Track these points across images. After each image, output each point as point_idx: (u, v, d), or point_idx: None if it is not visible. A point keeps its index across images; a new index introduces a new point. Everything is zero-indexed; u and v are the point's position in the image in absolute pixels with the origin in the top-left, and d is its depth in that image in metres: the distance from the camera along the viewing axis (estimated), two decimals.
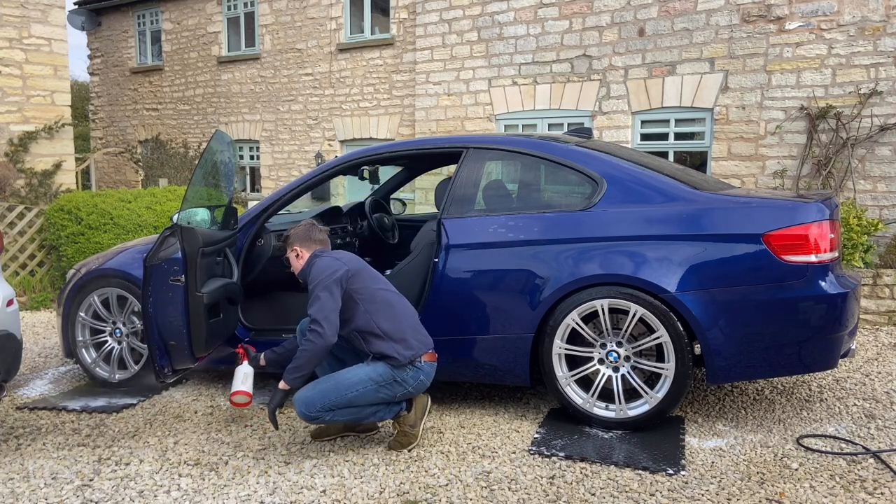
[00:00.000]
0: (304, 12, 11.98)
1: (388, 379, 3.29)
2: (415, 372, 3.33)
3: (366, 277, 3.41)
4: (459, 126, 10.15)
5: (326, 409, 3.25)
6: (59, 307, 4.63)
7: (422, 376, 3.36)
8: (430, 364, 3.40)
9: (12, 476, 3.21)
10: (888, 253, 6.83)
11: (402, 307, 3.43)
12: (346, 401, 3.26)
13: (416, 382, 3.35)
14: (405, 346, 3.31)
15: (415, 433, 3.42)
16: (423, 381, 3.38)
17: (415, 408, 3.47)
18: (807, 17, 7.61)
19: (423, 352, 3.37)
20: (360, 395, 3.28)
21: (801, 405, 3.99)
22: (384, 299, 3.38)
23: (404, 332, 3.33)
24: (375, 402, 3.33)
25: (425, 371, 3.37)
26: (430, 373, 3.41)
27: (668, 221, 3.51)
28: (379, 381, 3.28)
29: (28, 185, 9.37)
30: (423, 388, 3.41)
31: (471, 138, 4.12)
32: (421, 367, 3.35)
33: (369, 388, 3.27)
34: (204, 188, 3.99)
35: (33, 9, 9.41)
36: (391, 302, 3.40)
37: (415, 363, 3.32)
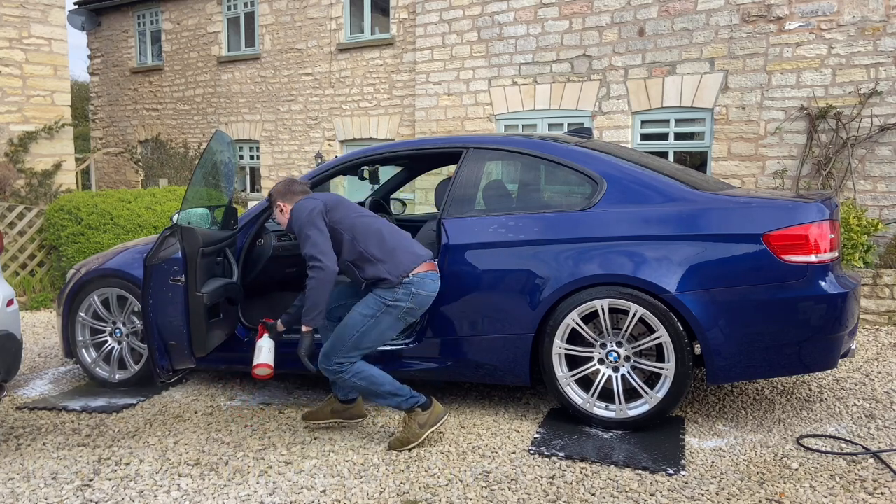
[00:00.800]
0: (304, 12, 11.98)
1: (380, 307, 3.33)
2: (405, 288, 3.32)
3: (344, 208, 3.47)
4: (459, 126, 10.15)
5: (342, 358, 3.34)
6: (59, 307, 4.63)
7: (413, 289, 3.33)
8: (422, 275, 3.37)
9: (12, 476, 3.21)
10: (888, 253, 6.83)
11: (388, 230, 3.44)
12: (353, 343, 3.33)
13: (410, 298, 3.33)
14: (394, 264, 3.33)
15: (420, 434, 3.39)
16: (417, 293, 3.35)
17: (432, 409, 3.42)
18: (807, 17, 7.61)
19: (414, 266, 3.35)
20: (364, 334, 3.32)
21: (801, 405, 3.99)
22: (366, 225, 3.42)
23: (393, 252, 3.35)
24: (386, 337, 3.38)
25: (417, 283, 3.34)
26: (425, 283, 3.37)
27: (667, 221, 3.51)
28: (373, 314, 3.33)
29: (28, 185, 9.37)
30: (423, 302, 3.39)
31: (471, 138, 4.12)
32: (411, 281, 3.33)
33: (368, 324, 3.32)
34: (204, 188, 3.99)
35: (33, 9, 9.41)
36: (375, 227, 3.43)
37: (404, 280, 3.32)
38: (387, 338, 3.44)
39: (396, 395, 3.39)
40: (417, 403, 3.41)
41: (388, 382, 3.40)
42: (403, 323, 3.43)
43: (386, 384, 3.39)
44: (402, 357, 3.93)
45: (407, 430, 3.41)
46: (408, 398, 3.40)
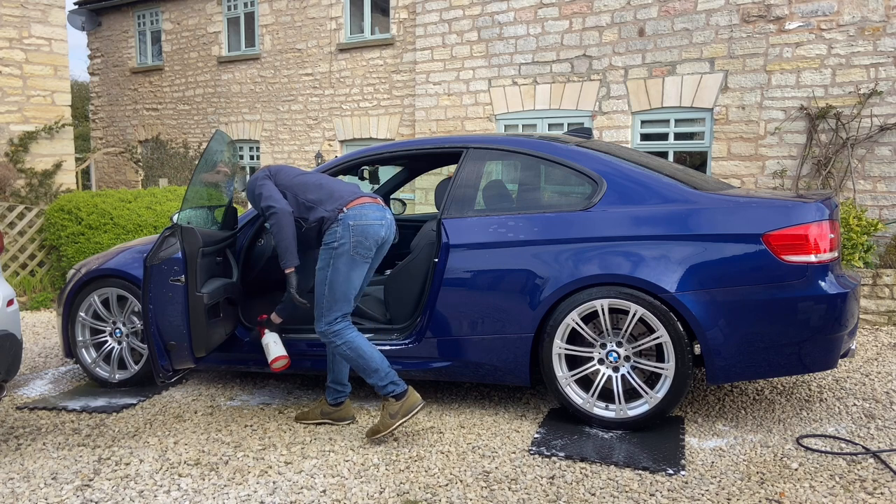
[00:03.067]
0: (304, 12, 11.98)
1: (329, 254, 3.46)
2: (342, 223, 3.44)
3: (286, 172, 3.70)
4: (459, 126, 10.15)
5: (329, 317, 3.47)
6: (59, 307, 4.63)
7: (350, 222, 3.43)
8: (357, 207, 3.48)
9: (12, 476, 3.21)
10: (888, 253, 6.83)
11: (326, 180, 3.64)
12: (329, 298, 3.45)
13: (350, 232, 3.42)
14: (328, 202, 3.50)
15: (389, 424, 3.42)
16: (356, 224, 3.43)
17: (405, 400, 3.44)
18: (807, 17, 7.61)
19: (347, 200, 3.49)
20: (331, 287, 3.46)
21: (801, 405, 3.99)
22: (305, 181, 3.64)
23: (330, 194, 3.54)
24: (354, 282, 3.46)
25: (352, 215, 3.44)
26: (362, 214, 3.46)
27: (667, 221, 3.51)
28: (326, 263, 3.47)
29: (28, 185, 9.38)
30: (367, 233, 3.45)
31: (471, 138, 4.12)
32: (346, 215, 3.45)
33: (329, 275, 3.45)
34: (204, 188, 4.00)
35: (33, 9, 9.41)
36: (314, 180, 3.64)
37: (339, 217, 3.45)
38: (355, 282, 3.48)
39: (377, 372, 3.45)
40: (391, 393, 3.44)
41: (376, 360, 3.46)
42: (364, 262, 3.48)
43: (373, 360, 3.46)
44: (402, 357, 3.93)
45: (380, 420, 3.48)
46: (385, 382, 3.44)
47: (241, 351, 4.26)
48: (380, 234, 3.51)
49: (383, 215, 3.56)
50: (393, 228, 3.63)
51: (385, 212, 3.59)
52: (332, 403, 3.77)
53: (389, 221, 3.59)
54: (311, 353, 4.12)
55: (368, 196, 3.60)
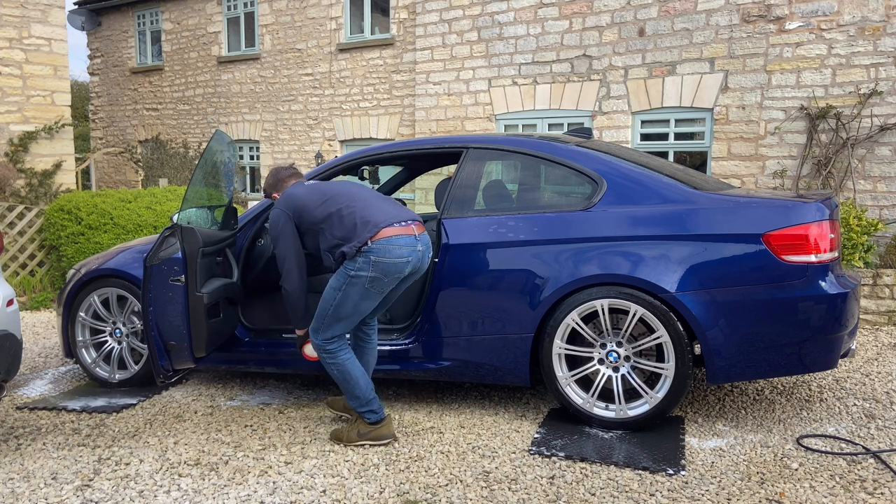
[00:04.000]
0: (304, 12, 11.98)
1: (345, 279, 3.31)
2: (364, 256, 3.25)
3: (310, 213, 3.41)
4: (459, 126, 10.15)
5: (327, 333, 3.38)
6: (59, 307, 4.63)
7: (372, 257, 3.24)
8: (384, 241, 3.26)
9: (12, 476, 3.21)
10: (888, 253, 6.83)
11: (347, 210, 3.35)
12: (332, 316, 3.35)
13: (370, 266, 3.25)
14: (355, 238, 3.28)
15: (353, 440, 3.46)
16: (377, 261, 3.25)
17: (378, 427, 3.45)
18: (807, 17, 7.61)
19: (369, 235, 3.26)
20: (337, 308, 3.33)
21: (801, 405, 3.99)
22: (326, 216, 3.38)
23: (354, 229, 3.30)
24: (362, 309, 3.34)
25: (375, 250, 3.24)
26: (387, 249, 3.25)
27: (667, 221, 3.51)
28: (339, 286, 3.33)
29: (28, 185, 9.38)
30: (388, 270, 3.27)
31: (471, 138, 4.12)
32: (369, 249, 3.25)
33: (339, 297, 3.33)
34: (204, 188, 4.00)
35: (33, 9, 9.41)
36: (342, 213, 3.36)
37: (362, 249, 3.26)
38: (363, 310, 3.36)
39: (358, 399, 3.43)
40: (367, 419, 3.46)
41: (361, 387, 3.41)
42: (377, 294, 3.33)
43: (357, 387, 3.41)
44: (402, 357, 3.93)
45: (348, 429, 3.49)
46: (363, 409, 3.45)
47: (241, 351, 4.26)
48: (402, 271, 3.32)
49: (412, 250, 3.32)
50: (425, 259, 3.42)
51: (416, 243, 3.35)
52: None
53: (419, 255, 3.37)
54: None
55: (402, 225, 3.34)
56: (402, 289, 3.55)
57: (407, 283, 3.51)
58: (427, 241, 3.45)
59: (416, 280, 3.97)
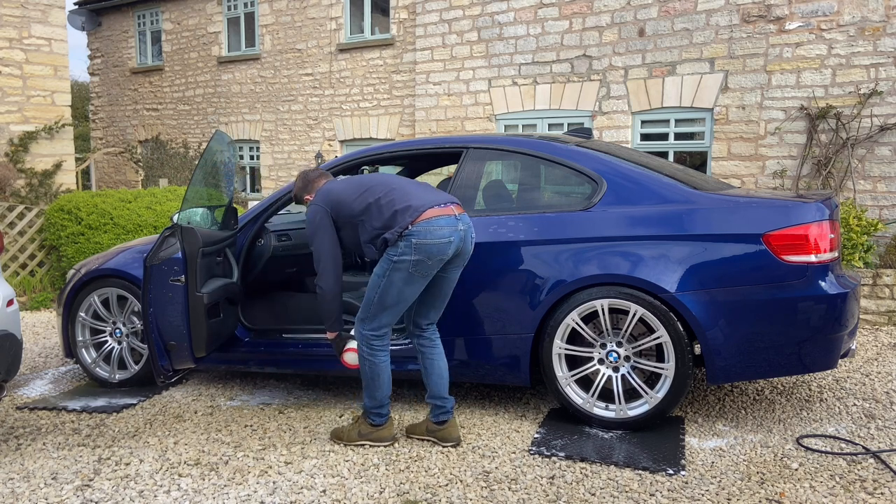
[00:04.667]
0: (304, 12, 11.98)
1: (388, 265, 3.26)
2: (405, 240, 3.20)
3: (347, 207, 3.38)
4: (459, 126, 10.15)
5: (372, 323, 3.35)
6: (59, 307, 4.63)
7: (414, 240, 3.19)
8: (424, 223, 3.21)
9: (12, 476, 3.21)
10: (888, 253, 6.83)
11: (396, 196, 3.31)
12: (377, 305, 3.31)
13: (412, 249, 3.20)
14: (395, 224, 3.24)
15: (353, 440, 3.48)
16: (419, 243, 3.19)
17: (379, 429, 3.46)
18: (807, 18, 7.61)
19: (410, 219, 3.21)
20: (382, 295, 3.29)
21: (801, 405, 3.99)
22: (367, 204, 3.33)
23: (394, 216, 3.26)
24: (407, 296, 3.29)
25: (417, 233, 3.19)
26: (428, 230, 3.20)
27: (667, 221, 3.51)
28: (383, 272, 3.27)
29: (28, 185, 9.38)
30: (432, 251, 3.20)
31: (471, 138, 4.12)
32: (410, 233, 3.20)
33: (383, 284, 3.28)
34: (204, 188, 4.00)
35: (33, 9, 9.41)
36: (380, 203, 3.31)
37: (403, 234, 3.21)
38: (408, 296, 3.29)
39: (373, 400, 3.42)
40: (371, 423, 3.46)
41: (383, 390, 3.40)
42: (421, 277, 3.26)
43: (379, 390, 3.40)
44: (401, 357, 3.93)
45: (350, 428, 3.51)
46: (374, 413, 3.45)
47: (241, 351, 4.26)
48: (445, 252, 3.24)
49: (453, 230, 3.27)
50: (467, 239, 3.36)
51: (457, 223, 3.29)
52: (436, 422, 3.50)
53: (461, 235, 3.30)
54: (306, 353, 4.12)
55: (441, 206, 3.30)
56: (452, 278, 3.45)
57: (455, 271, 3.42)
58: (468, 221, 3.38)
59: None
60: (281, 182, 12.53)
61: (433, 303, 3.49)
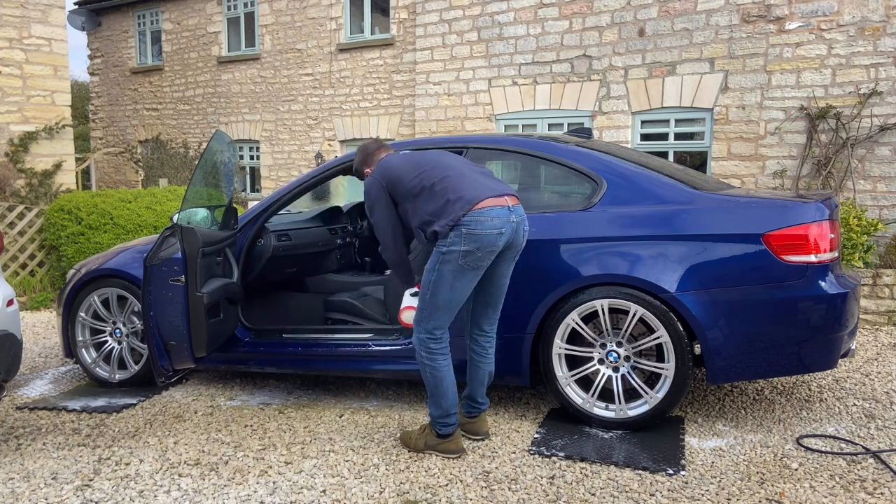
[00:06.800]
0: (304, 12, 11.98)
1: (438, 258, 3.16)
2: (455, 230, 3.09)
3: (403, 184, 3.28)
4: (459, 126, 10.15)
5: (430, 323, 3.24)
6: (59, 307, 4.63)
7: (464, 229, 3.07)
8: (476, 213, 3.09)
9: (12, 476, 3.21)
10: (888, 253, 6.83)
11: (451, 182, 3.20)
12: (430, 303, 3.22)
13: (462, 240, 3.09)
14: (447, 214, 3.13)
15: (419, 448, 3.40)
16: (469, 233, 3.08)
17: (446, 442, 3.33)
18: (807, 18, 7.61)
19: (461, 211, 3.10)
20: (434, 291, 3.19)
21: (801, 405, 3.99)
22: (422, 187, 3.23)
23: (446, 205, 3.15)
24: (460, 290, 3.17)
25: (467, 223, 3.08)
26: (479, 221, 3.08)
27: (667, 221, 3.51)
28: (433, 267, 3.19)
29: (28, 185, 9.38)
30: (483, 242, 3.09)
31: (471, 138, 4.12)
32: (461, 223, 3.08)
33: (434, 279, 3.18)
34: (204, 188, 4.00)
35: (33, 9, 9.41)
36: (434, 187, 3.21)
37: (455, 226, 3.11)
38: (461, 291, 3.18)
39: (440, 408, 3.30)
40: (438, 433, 3.33)
41: (448, 399, 3.28)
42: (472, 270, 3.14)
43: (444, 397, 3.28)
44: (402, 357, 3.93)
45: (418, 436, 3.41)
46: (439, 423, 3.32)
47: (241, 351, 4.27)
48: (496, 243, 3.12)
49: (505, 221, 3.14)
50: (520, 231, 3.25)
51: (510, 215, 3.17)
52: (466, 415, 3.51)
53: (513, 227, 3.19)
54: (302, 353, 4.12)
55: (496, 196, 3.18)
56: (505, 273, 3.35)
57: (507, 265, 3.32)
58: (521, 213, 3.27)
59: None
60: (281, 182, 12.53)
61: (489, 300, 3.40)
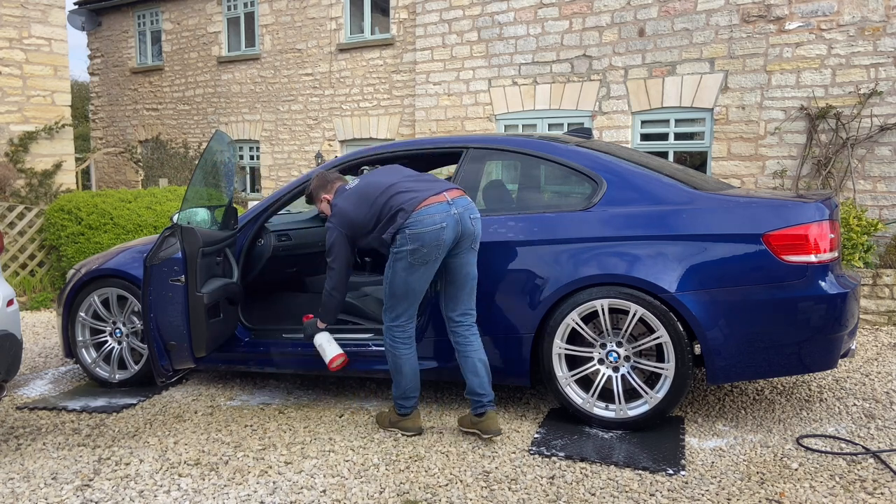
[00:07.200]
0: (304, 12, 11.98)
1: (392, 256, 3.44)
2: (401, 234, 3.36)
3: (358, 224, 3.54)
4: (459, 126, 10.15)
5: (391, 315, 3.52)
6: (59, 307, 4.63)
7: (408, 231, 3.34)
8: (414, 214, 3.34)
9: (12, 476, 3.21)
10: (888, 253, 6.83)
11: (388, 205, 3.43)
12: (389, 294, 3.49)
13: (406, 239, 3.35)
14: (393, 226, 3.41)
15: (386, 424, 3.70)
16: (412, 233, 3.33)
17: (404, 418, 3.64)
18: (807, 18, 7.61)
19: (404, 218, 3.35)
20: (390, 286, 3.46)
21: (801, 405, 3.99)
22: (375, 221, 3.50)
23: (393, 218, 3.41)
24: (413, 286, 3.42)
25: (410, 224, 3.33)
26: (420, 220, 3.33)
27: (667, 221, 3.51)
28: (389, 264, 3.46)
29: (28, 185, 9.38)
30: (426, 239, 3.32)
31: (471, 138, 4.12)
32: (404, 226, 3.35)
33: (389, 275, 3.46)
34: (204, 188, 4.00)
35: (33, 9, 9.41)
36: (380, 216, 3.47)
37: (399, 230, 3.37)
38: (415, 285, 3.41)
39: (397, 388, 3.59)
40: (398, 412, 3.64)
41: (405, 382, 3.56)
42: (423, 266, 3.37)
43: (403, 381, 3.56)
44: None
45: (386, 415, 3.73)
46: (398, 403, 3.62)
47: (241, 351, 4.27)
48: (440, 237, 3.33)
49: (445, 215, 3.35)
50: (465, 220, 3.41)
51: (449, 208, 3.37)
52: (475, 414, 3.55)
53: (455, 218, 3.37)
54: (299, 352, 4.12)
55: (434, 194, 3.41)
56: (466, 263, 3.49)
57: (466, 255, 3.48)
58: (465, 204, 3.44)
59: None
60: (281, 182, 12.53)
61: (454, 292, 3.56)
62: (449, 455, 3.36)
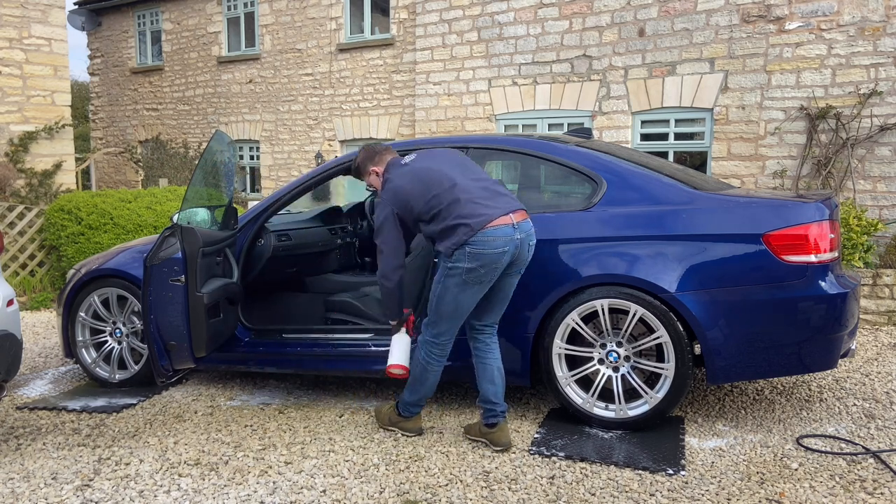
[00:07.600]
0: (304, 12, 11.98)
1: (444, 271, 3.29)
2: (460, 249, 3.18)
3: (412, 206, 3.33)
4: (459, 126, 10.15)
5: (434, 328, 3.40)
6: (59, 307, 4.63)
7: (468, 249, 3.16)
8: (480, 234, 3.15)
9: (12, 476, 3.21)
10: (888, 253, 6.83)
11: (464, 203, 3.22)
12: (434, 310, 3.37)
13: (466, 258, 3.18)
14: (452, 237, 3.22)
15: (384, 424, 3.70)
16: (473, 252, 3.16)
17: (406, 420, 3.63)
18: (807, 18, 7.61)
19: (470, 234, 3.17)
20: (439, 301, 3.33)
21: (801, 405, 3.99)
22: (431, 213, 3.30)
23: (455, 228, 3.21)
24: (464, 303, 3.28)
25: (473, 242, 3.16)
26: (485, 241, 3.15)
27: (667, 221, 3.51)
28: (439, 279, 3.32)
29: (28, 185, 9.38)
30: (487, 260, 3.17)
31: (471, 138, 4.12)
32: (469, 241, 3.16)
33: (439, 290, 3.33)
34: (204, 188, 4.00)
35: (33, 9, 9.41)
36: (438, 212, 3.28)
37: (459, 247, 3.19)
38: (465, 304, 3.29)
39: (412, 396, 3.56)
40: (400, 411, 3.63)
41: (422, 392, 3.53)
42: (477, 286, 3.25)
43: (420, 390, 3.52)
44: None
45: (386, 412, 3.72)
46: (408, 406, 3.60)
47: (241, 351, 4.26)
48: (499, 261, 3.21)
49: (509, 240, 3.20)
50: (524, 247, 3.29)
51: (514, 233, 3.22)
52: (486, 424, 3.47)
53: (517, 244, 3.24)
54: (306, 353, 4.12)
55: (502, 214, 3.22)
56: (510, 284, 3.40)
57: (512, 278, 3.38)
58: (527, 229, 3.32)
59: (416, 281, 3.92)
60: (281, 182, 12.53)
61: (485, 305, 3.44)
62: (449, 455, 3.36)
